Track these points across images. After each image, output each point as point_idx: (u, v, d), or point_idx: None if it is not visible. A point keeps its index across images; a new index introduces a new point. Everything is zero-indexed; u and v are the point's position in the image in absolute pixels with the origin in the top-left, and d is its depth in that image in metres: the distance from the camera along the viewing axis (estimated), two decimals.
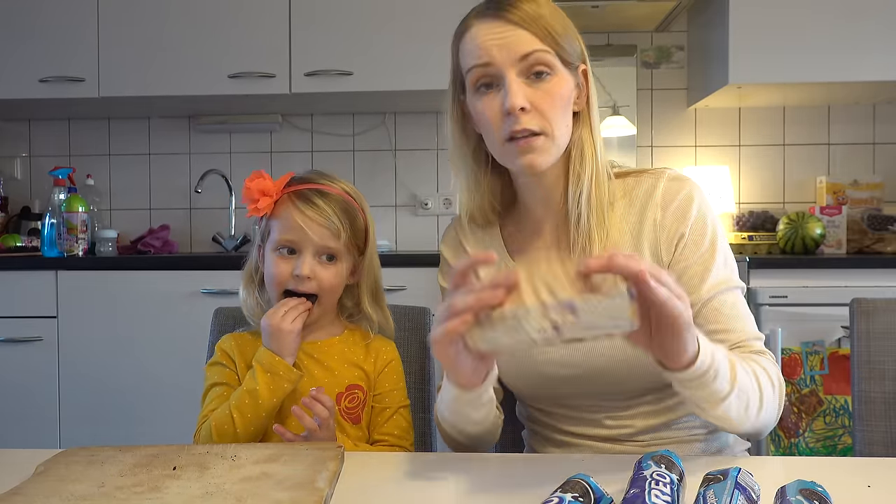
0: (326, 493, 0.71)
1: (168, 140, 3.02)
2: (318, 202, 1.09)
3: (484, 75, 0.96)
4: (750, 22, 2.47)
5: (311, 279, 1.09)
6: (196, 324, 1.70)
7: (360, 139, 2.99)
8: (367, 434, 1.13)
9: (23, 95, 2.63)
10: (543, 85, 0.95)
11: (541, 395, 1.07)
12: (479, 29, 0.96)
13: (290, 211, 1.09)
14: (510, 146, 0.96)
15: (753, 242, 2.65)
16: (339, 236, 1.09)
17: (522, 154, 0.95)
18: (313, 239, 1.08)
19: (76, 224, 2.50)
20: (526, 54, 0.94)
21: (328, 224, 1.08)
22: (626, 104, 2.92)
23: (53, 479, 0.75)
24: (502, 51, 0.93)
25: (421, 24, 2.54)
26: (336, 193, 1.12)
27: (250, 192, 1.10)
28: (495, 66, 0.94)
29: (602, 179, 1.02)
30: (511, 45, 0.93)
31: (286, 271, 1.09)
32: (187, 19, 2.60)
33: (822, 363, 2.25)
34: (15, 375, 2.37)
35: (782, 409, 0.96)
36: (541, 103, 0.94)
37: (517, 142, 0.95)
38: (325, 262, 1.10)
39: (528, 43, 0.94)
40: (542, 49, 0.94)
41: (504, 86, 0.94)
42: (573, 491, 0.63)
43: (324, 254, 1.10)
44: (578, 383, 1.01)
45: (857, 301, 1.24)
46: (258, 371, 1.06)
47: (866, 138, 2.90)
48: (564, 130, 0.98)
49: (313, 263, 1.09)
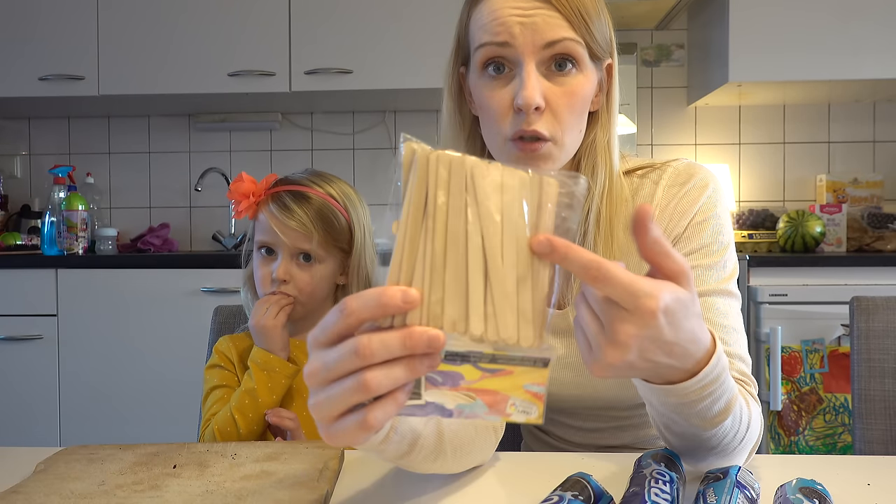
0: (326, 491, 0.71)
1: (168, 138, 3.02)
2: (290, 205, 1.11)
3: (497, 55, 0.80)
4: (750, 20, 2.47)
5: (286, 281, 1.11)
6: (196, 322, 1.70)
7: (360, 137, 2.99)
8: None
9: (22, 93, 2.63)
10: (564, 80, 0.81)
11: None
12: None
13: (266, 213, 1.12)
14: (511, 147, 0.82)
15: (753, 241, 2.65)
16: (311, 238, 1.10)
17: (524, 161, 0.81)
18: (285, 241, 1.10)
19: (76, 222, 2.50)
20: (552, 41, 0.79)
21: (299, 227, 1.10)
22: (626, 102, 2.91)
23: (53, 478, 0.75)
24: (526, 31, 0.78)
25: (421, 23, 2.54)
26: (315, 195, 1.13)
27: (233, 195, 1.13)
28: (513, 49, 0.79)
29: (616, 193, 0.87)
30: (538, 27, 0.78)
31: (267, 273, 1.12)
32: (187, 17, 2.60)
33: (822, 361, 2.25)
34: (15, 374, 2.37)
35: (752, 457, 0.79)
36: (557, 103, 0.80)
37: (520, 145, 0.81)
38: (302, 264, 1.12)
39: (558, 28, 0.79)
40: (571, 38, 0.79)
41: (520, 75, 0.79)
42: (573, 489, 0.63)
43: (299, 254, 1.12)
44: (584, 399, 0.98)
45: (857, 299, 1.24)
46: (254, 370, 1.07)
47: (866, 136, 2.90)
48: (576, 135, 0.85)
49: (289, 265, 1.11)
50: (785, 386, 2.25)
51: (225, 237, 2.90)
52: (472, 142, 0.91)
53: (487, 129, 0.86)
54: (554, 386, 0.98)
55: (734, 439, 0.70)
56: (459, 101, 0.90)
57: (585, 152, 0.88)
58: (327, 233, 1.12)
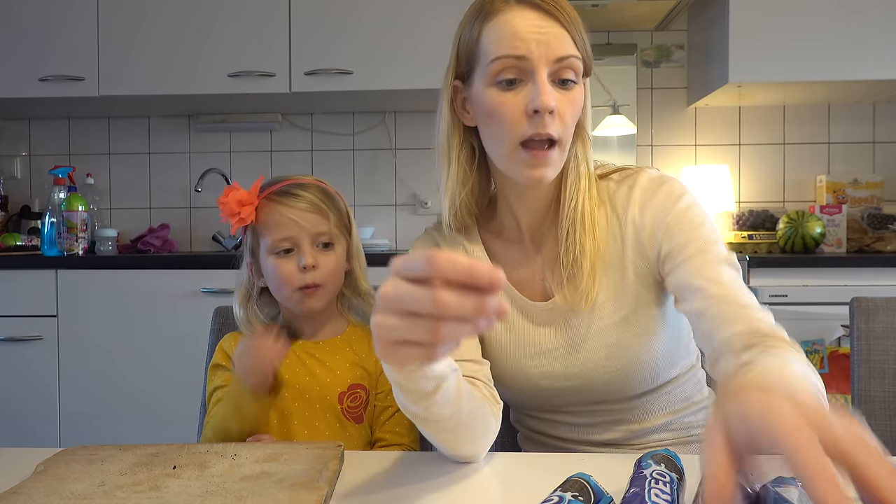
0: (326, 492, 0.71)
1: (168, 139, 3.02)
2: (298, 192, 1.10)
3: (513, 68, 0.88)
4: (750, 21, 2.47)
5: (315, 268, 1.09)
6: (196, 323, 1.70)
7: (359, 138, 2.99)
8: (370, 433, 1.13)
9: (23, 94, 2.63)
10: (567, 93, 0.90)
11: (537, 405, 1.06)
12: (518, 16, 0.88)
13: (276, 210, 1.09)
14: (522, 153, 0.89)
15: (753, 241, 2.65)
16: (329, 218, 1.10)
17: (535, 166, 0.89)
18: (307, 228, 1.09)
19: (76, 223, 2.50)
20: (563, 57, 0.88)
21: (313, 208, 1.09)
22: (626, 103, 2.92)
23: (53, 478, 0.75)
24: (541, 47, 0.87)
25: (421, 24, 2.54)
26: (310, 182, 1.13)
27: (228, 207, 1.09)
28: (530, 62, 0.87)
29: (594, 195, 0.97)
30: (552, 44, 0.87)
31: (292, 270, 1.09)
32: (187, 18, 2.60)
33: (822, 362, 2.25)
34: (15, 374, 2.38)
35: None
36: (563, 109, 0.89)
37: (532, 150, 0.88)
38: (323, 250, 1.11)
39: (567, 46, 0.89)
40: (576, 55, 0.89)
41: (535, 83, 0.87)
42: (573, 490, 0.63)
43: (319, 241, 1.11)
44: (576, 393, 1.00)
45: (857, 300, 1.24)
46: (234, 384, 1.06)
47: (866, 137, 2.90)
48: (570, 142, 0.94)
49: (315, 252, 1.10)
50: None
51: (225, 238, 2.90)
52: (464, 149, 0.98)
53: (495, 137, 0.92)
54: (545, 380, 0.99)
55: None
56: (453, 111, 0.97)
57: (572, 158, 0.96)
58: (337, 212, 1.12)
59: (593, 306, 0.95)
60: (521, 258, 1.02)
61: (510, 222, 1.02)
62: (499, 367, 1.00)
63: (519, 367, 1.00)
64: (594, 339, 0.96)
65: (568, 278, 0.96)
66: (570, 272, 0.95)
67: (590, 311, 0.96)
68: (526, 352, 0.99)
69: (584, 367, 0.97)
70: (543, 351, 0.99)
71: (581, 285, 0.94)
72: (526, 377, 1.00)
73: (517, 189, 0.98)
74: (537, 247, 1.01)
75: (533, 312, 0.99)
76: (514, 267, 1.01)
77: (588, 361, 0.97)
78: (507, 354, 1.00)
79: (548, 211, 0.99)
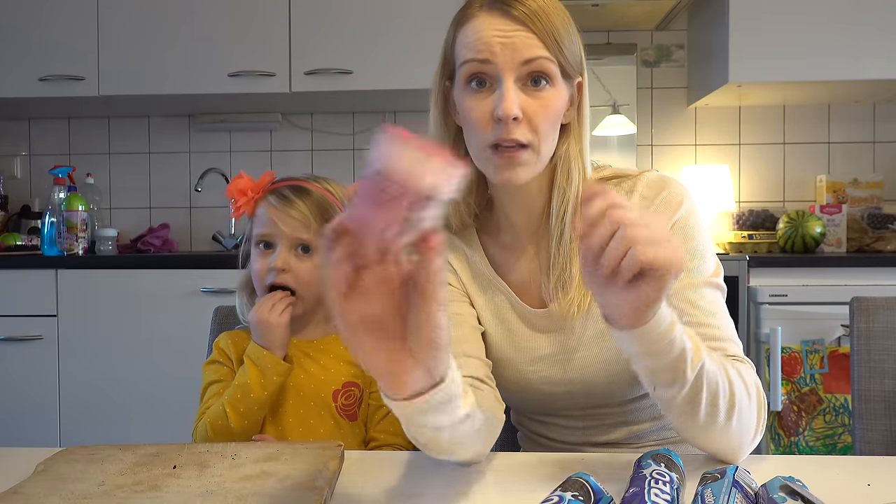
0: (326, 492, 0.71)
1: (168, 139, 3.02)
2: (290, 196, 1.12)
3: (479, 72, 0.89)
4: (750, 21, 2.47)
5: (285, 271, 1.10)
6: (196, 322, 1.70)
7: (360, 138, 2.99)
8: (364, 431, 1.13)
9: (23, 94, 2.63)
10: (539, 94, 0.89)
11: (537, 408, 1.06)
12: (483, 22, 0.89)
13: (265, 207, 1.13)
14: (491, 154, 0.89)
15: (753, 241, 2.65)
16: (309, 226, 1.11)
17: (503, 168, 0.89)
18: (284, 230, 1.11)
19: (76, 223, 2.50)
20: (529, 59, 0.87)
21: (298, 216, 1.10)
22: (626, 103, 2.92)
23: (53, 478, 0.76)
24: (505, 51, 0.87)
25: (421, 23, 2.54)
26: (314, 189, 1.14)
27: (231, 194, 1.13)
28: (494, 66, 0.87)
29: None
30: (516, 47, 0.87)
31: (264, 266, 1.12)
32: (187, 18, 2.60)
33: (822, 362, 2.25)
34: (15, 374, 2.38)
35: (763, 428, 0.84)
36: (533, 114, 0.88)
37: (500, 152, 0.88)
38: (301, 255, 1.12)
39: (533, 48, 0.87)
40: (545, 56, 0.88)
41: (500, 89, 0.87)
42: (573, 490, 0.63)
43: (298, 245, 1.12)
44: (576, 398, 0.99)
45: (857, 300, 1.24)
46: (248, 365, 1.07)
47: (866, 137, 2.90)
48: (551, 144, 0.92)
49: (288, 256, 1.11)
50: (785, 386, 2.25)
51: (225, 238, 2.90)
52: (457, 149, 0.97)
53: (470, 139, 0.93)
54: (545, 385, 0.99)
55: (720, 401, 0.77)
56: (445, 112, 0.98)
57: (560, 160, 0.95)
58: (325, 222, 1.12)
59: (587, 313, 0.95)
60: (520, 262, 1.01)
61: (506, 224, 1.01)
62: (499, 371, 1.00)
63: (519, 371, 1.00)
64: (590, 346, 0.96)
65: (561, 285, 0.95)
66: (562, 279, 0.95)
67: (584, 318, 0.96)
68: (525, 357, 0.99)
69: (583, 372, 0.97)
70: (541, 356, 0.99)
71: (571, 293, 0.94)
72: (526, 382, 1.00)
73: (507, 190, 0.97)
74: (535, 249, 1.00)
75: (531, 318, 0.99)
76: (513, 271, 1.01)
77: (586, 367, 0.97)
78: (507, 359, 1.00)
79: (542, 213, 0.98)
